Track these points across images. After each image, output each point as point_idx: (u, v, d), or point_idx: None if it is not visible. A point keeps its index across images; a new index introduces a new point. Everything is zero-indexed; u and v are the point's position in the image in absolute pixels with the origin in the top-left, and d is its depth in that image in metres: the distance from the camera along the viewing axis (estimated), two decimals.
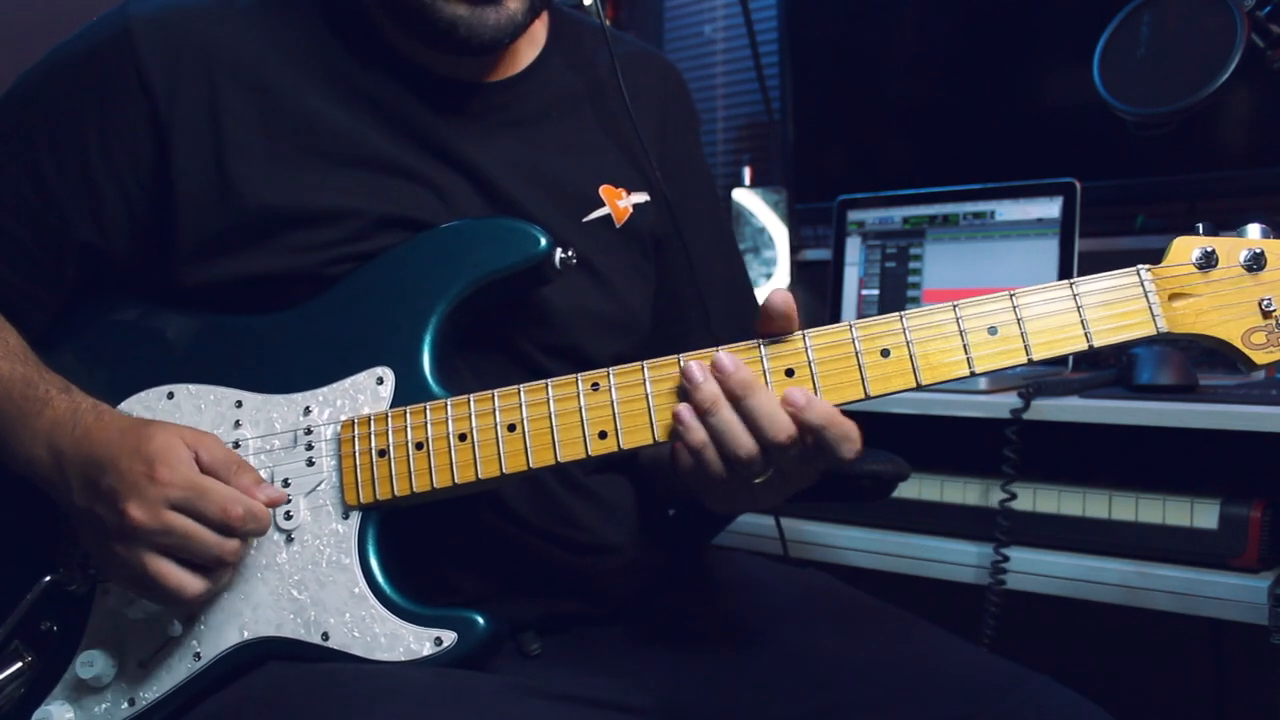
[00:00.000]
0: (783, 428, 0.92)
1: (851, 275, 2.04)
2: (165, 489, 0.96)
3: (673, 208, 1.25)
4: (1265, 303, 0.93)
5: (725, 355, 0.94)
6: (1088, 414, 1.49)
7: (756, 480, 0.95)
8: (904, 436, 1.45)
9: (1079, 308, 0.93)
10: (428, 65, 1.13)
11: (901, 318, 0.94)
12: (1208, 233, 0.95)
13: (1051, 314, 0.93)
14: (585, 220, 1.18)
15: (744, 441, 0.93)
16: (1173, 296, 0.94)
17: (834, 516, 1.76)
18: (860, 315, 2.01)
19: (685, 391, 0.94)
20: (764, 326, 0.96)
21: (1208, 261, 0.94)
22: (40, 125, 1.09)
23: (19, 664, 1.07)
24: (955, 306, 0.94)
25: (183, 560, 0.98)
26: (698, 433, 0.93)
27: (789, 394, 0.93)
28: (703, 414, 0.93)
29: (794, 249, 2.32)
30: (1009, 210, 1.87)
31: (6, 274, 1.11)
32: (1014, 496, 1.55)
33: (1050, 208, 1.83)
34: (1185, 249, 0.94)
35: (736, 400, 0.92)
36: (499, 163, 1.14)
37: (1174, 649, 2.00)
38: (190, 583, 0.98)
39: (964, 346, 0.93)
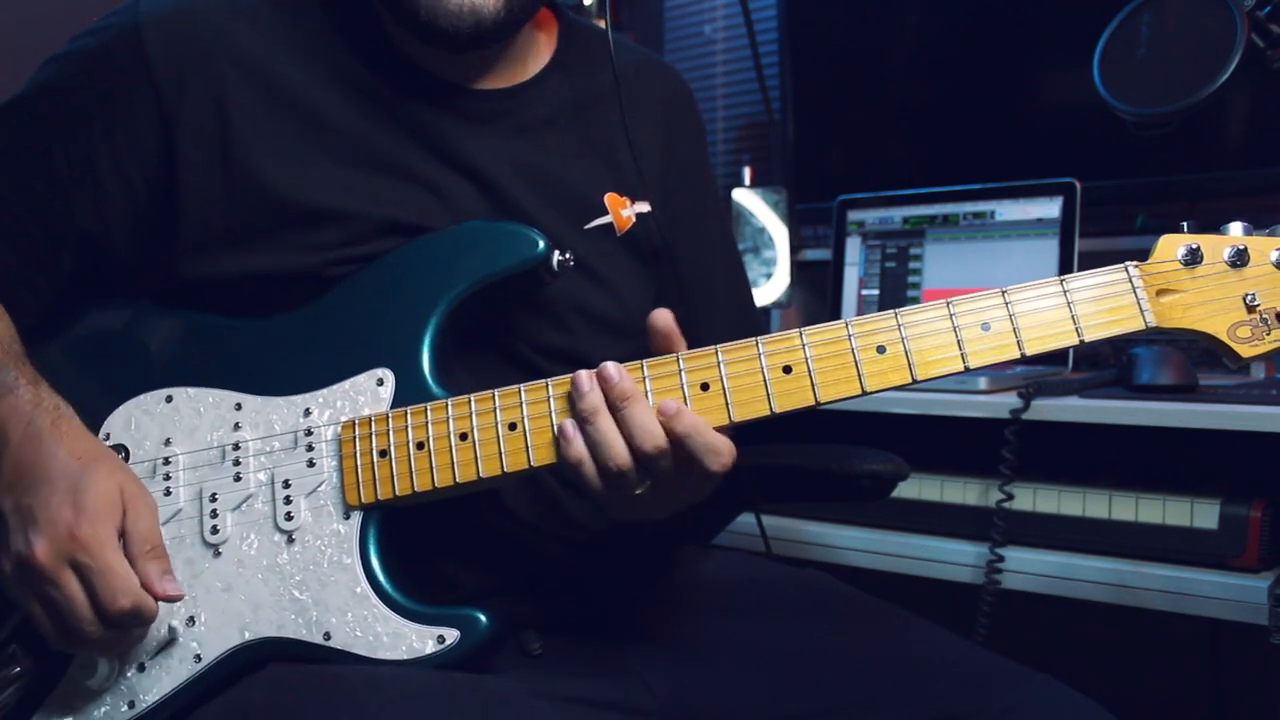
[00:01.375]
0: (652, 438, 0.94)
1: (851, 275, 2.04)
2: (75, 548, 0.95)
3: (676, 218, 1.25)
4: (1249, 297, 0.95)
5: (612, 366, 0.96)
6: (1088, 414, 1.49)
7: (636, 491, 0.97)
8: (904, 436, 1.45)
9: (1069, 304, 0.95)
10: (434, 70, 1.14)
11: (896, 315, 0.96)
12: (1193, 230, 0.97)
13: (1043, 310, 0.95)
14: (587, 228, 1.18)
15: (619, 450, 0.94)
16: (1160, 292, 0.96)
17: (833, 516, 1.76)
18: (860, 315, 2.01)
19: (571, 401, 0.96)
20: (650, 343, 0.99)
21: (1193, 258, 0.96)
22: (51, 115, 1.11)
23: (16, 668, 1.06)
24: (949, 304, 0.96)
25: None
26: (577, 447, 0.95)
27: (662, 403, 0.95)
28: (583, 422, 0.95)
29: (794, 249, 2.33)
30: (1009, 210, 1.87)
31: (4, 253, 1.12)
32: (1011, 497, 1.55)
33: (1050, 208, 1.83)
34: (1171, 246, 0.96)
35: (615, 409, 0.94)
36: (503, 168, 1.14)
37: (1174, 649, 2.00)
38: (55, 638, 0.98)
39: (958, 342, 0.95)
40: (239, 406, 1.07)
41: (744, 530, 1.69)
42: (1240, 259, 0.95)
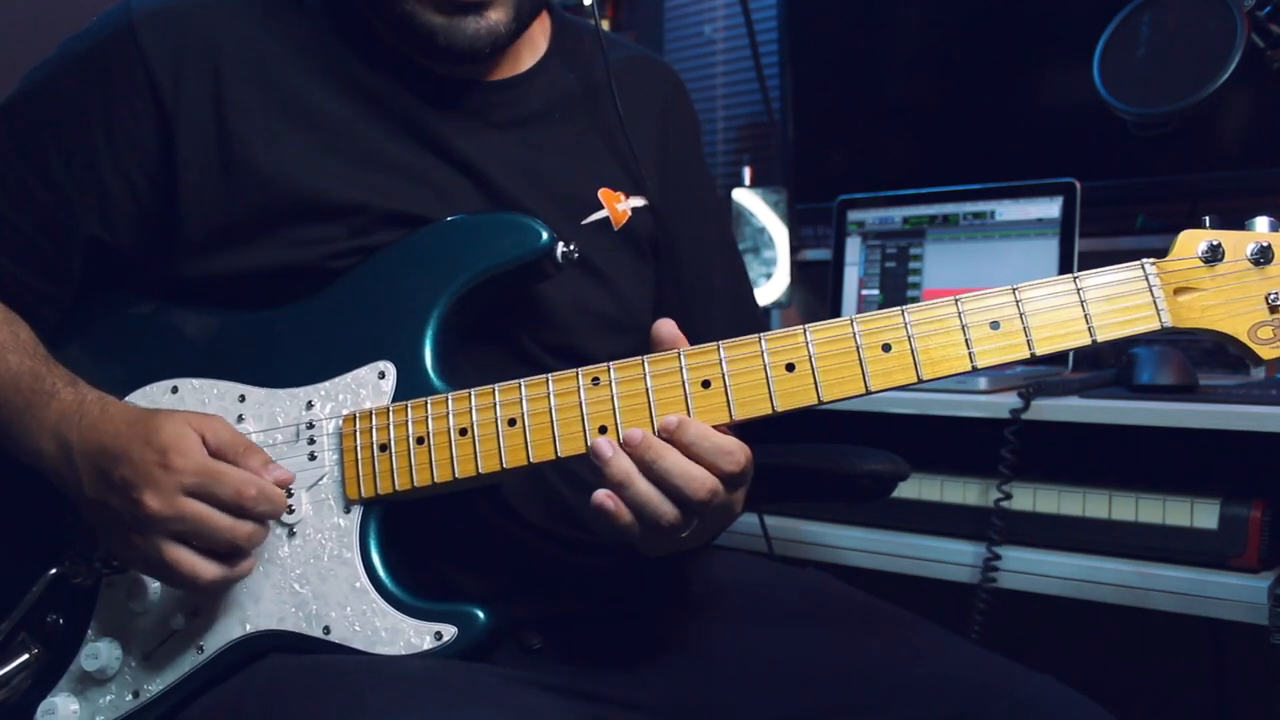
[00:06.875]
0: (702, 484, 0.92)
1: (851, 275, 2.04)
2: (179, 476, 0.96)
3: (673, 212, 1.25)
4: (1272, 297, 0.91)
5: (635, 431, 0.93)
6: (1088, 414, 1.49)
7: (683, 535, 0.95)
8: (904, 436, 1.45)
9: (1082, 302, 0.92)
10: (426, 63, 1.13)
11: (903, 312, 0.93)
12: (1214, 226, 0.93)
13: (1054, 308, 0.92)
14: (584, 223, 1.18)
15: (665, 510, 0.92)
16: (1178, 291, 0.92)
17: (833, 516, 1.76)
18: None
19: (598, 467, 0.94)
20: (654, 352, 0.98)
21: (1214, 255, 0.92)
22: (47, 120, 1.10)
23: (25, 655, 1.08)
24: (957, 301, 0.93)
25: (199, 547, 0.98)
26: (624, 516, 0.93)
27: (662, 420, 0.93)
28: (618, 489, 0.93)
29: (794, 249, 2.33)
30: (1009, 210, 1.88)
31: (16, 270, 1.12)
32: (1009, 496, 1.55)
33: (1050, 208, 1.83)
34: (1191, 242, 0.93)
35: (648, 466, 0.92)
36: (498, 162, 1.14)
37: (1174, 649, 2.00)
38: (204, 568, 0.98)
39: (965, 341, 0.92)
40: (243, 398, 1.07)
41: (746, 530, 1.69)
42: (1264, 256, 0.91)
